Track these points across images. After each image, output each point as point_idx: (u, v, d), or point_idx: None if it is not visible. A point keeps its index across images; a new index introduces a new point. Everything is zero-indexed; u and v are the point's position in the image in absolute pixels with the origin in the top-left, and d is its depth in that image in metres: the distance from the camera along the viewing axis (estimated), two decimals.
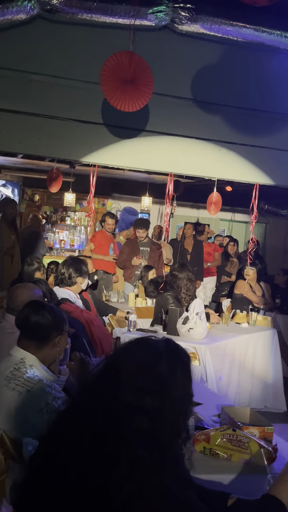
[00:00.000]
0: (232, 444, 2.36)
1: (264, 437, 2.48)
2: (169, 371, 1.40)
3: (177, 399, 1.38)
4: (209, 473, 2.27)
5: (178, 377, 1.41)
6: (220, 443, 2.38)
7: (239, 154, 5.49)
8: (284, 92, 5.56)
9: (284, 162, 5.64)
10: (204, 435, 2.41)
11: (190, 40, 5.20)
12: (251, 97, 5.46)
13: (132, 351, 1.45)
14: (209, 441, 2.39)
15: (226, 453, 2.36)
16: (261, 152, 5.54)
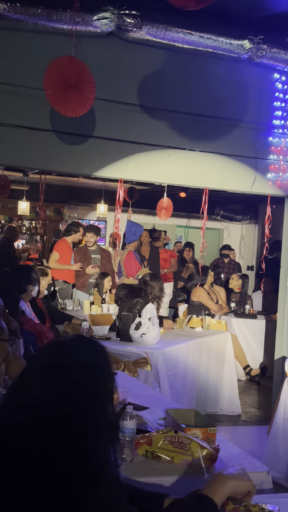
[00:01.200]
0: (174, 446, 2.36)
1: (207, 438, 2.49)
2: (79, 373, 1.38)
3: (86, 400, 1.36)
4: (151, 476, 2.27)
5: (89, 377, 1.39)
6: (162, 445, 2.37)
7: (188, 160, 5.54)
8: (230, 97, 5.65)
9: (232, 167, 5.72)
10: (146, 438, 2.40)
11: (136, 47, 5.23)
12: (198, 103, 5.52)
13: (43, 352, 1.44)
14: (151, 444, 2.38)
15: (168, 455, 2.36)
16: (210, 157, 5.60)
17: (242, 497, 1.65)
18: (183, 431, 2.43)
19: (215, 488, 1.58)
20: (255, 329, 7.69)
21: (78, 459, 1.32)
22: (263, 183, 5.84)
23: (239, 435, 5.41)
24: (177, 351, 5.21)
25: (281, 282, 6.26)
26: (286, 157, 5.83)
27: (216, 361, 5.97)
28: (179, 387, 5.17)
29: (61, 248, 7.99)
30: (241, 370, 7.30)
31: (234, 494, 1.61)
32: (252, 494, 1.65)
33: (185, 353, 5.37)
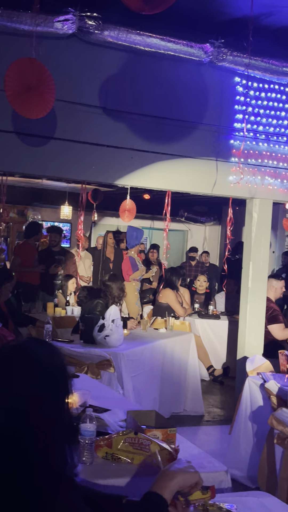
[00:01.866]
0: (134, 447, 2.36)
1: (167, 438, 2.50)
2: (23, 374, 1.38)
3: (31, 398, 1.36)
4: (111, 478, 2.27)
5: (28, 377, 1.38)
6: (122, 447, 2.37)
7: (150, 162, 5.56)
8: (191, 100, 5.69)
9: (194, 169, 5.76)
10: (106, 440, 2.40)
11: (98, 49, 5.23)
12: (160, 105, 5.55)
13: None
14: (111, 446, 2.38)
15: (128, 457, 2.36)
16: (172, 159, 5.64)
17: (190, 489, 1.68)
18: (143, 433, 2.43)
19: (163, 484, 1.62)
20: (219, 330, 7.76)
21: (34, 461, 1.31)
22: (225, 185, 5.90)
23: (202, 435, 5.45)
24: (141, 353, 5.21)
25: (243, 283, 6.34)
26: (246, 160, 5.90)
27: (180, 362, 6.00)
28: (142, 388, 5.17)
29: (24, 252, 7.92)
30: (204, 370, 7.36)
31: (182, 488, 1.64)
32: (199, 485, 1.69)
33: (148, 354, 5.38)
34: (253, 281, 6.20)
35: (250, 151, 5.94)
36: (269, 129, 6.03)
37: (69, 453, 1.43)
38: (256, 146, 5.99)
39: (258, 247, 6.21)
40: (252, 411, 4.33)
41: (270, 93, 6.02)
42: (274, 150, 6.08)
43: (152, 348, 5.48)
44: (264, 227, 6.24)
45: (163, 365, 5.64)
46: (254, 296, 6.20)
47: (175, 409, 5.94)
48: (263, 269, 6.29)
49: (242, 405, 4.44)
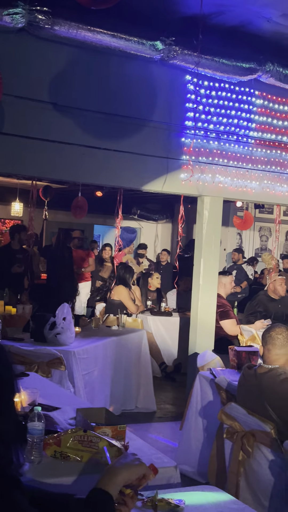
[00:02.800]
0: (83, 445, 2.35)
1: (117, 435, 2.50)
2: None
3: None
4: (60, 477, 2.25)
5: None
6: (71, 445, 2.36)
7: (101, 159, 5.53)
8: (142, 97, 5.69)
9: (145, 166, 5.77)
10: (55, 438, 2.38)
11: (48, 44, 5.16)
12: (112, 102, 5.53)
13: None
14: (60, 444, 2.36)
15: (77, 454, 2.35)
16: (123, 156, 5.62)
17: (138, 482, 1.68)
18: (93, 430, 2.42)
19: (108, 480, 1.63)
20: (170, 327, 7.81)
21: None
22: (176, 182, 5.93)
23: (153, 431, 5.47)
24: (93, 350, 5.19)
25: (194, 280, 6.39)
26: (197, 158, 5.95)
27: (132, 359, 6.01)
28: (94, 386, 5.16)
29: None
30: (156, 367, 7.40)
31: (128, 481, 1.65)
32: (147, 477, 1.70)
33: (100, 352, 5.36)
34: (204, 278, 6.26)
35: (201, 149, 5.99)
36: (220, 127, 6.09)
37: (14, 452, 1.41)
38: (207, 144, 6.05)
39: (209, 244, 6.27)
40: (202, 407, 4.37)
41: (220, 92, 6.08)
42: (225, 148, 6.16)
43: (104, 345, 5.47)
44: (214, 225, 6.30)
45: (115, 362, 5.64)
46: (205, 293, 6.26)
47: (127, 406, 5.94)
48: (214, 266, 6.36)
49: (192, 401, 4.49)
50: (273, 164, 6.45)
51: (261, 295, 7.21)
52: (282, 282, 7.13)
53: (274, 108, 6.42)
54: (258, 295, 7.23)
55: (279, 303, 7.07)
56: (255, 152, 6.35)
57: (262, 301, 7.11)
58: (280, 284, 7.09)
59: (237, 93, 6.19)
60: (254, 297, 7.29)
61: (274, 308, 7.03)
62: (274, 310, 7.01)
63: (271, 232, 13.55)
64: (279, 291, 7.08)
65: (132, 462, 1.69)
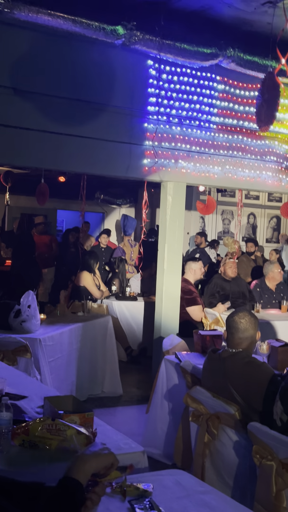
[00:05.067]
0: (51, 433, 2.36)
1: (85, 422, 2.52)
2: None
3: None
4: (29, 466, 2.26)
5: None
6: (39, 434, 2.37)
7: (63, 144, 5.49)
8: (104, 82, 5.66)
9: (107, 152, 5.75)
10: (23, 428, 2.39)
11: (8, 28, 5.07)
12: (73, 87, 5.48)
13: None
14: (28, 433, 2.37)
15: (45, 443, 2.36)
16: (85, 142, 5.59)
17: (106, 471, 1.72)
18: (61, 418, 2.44)
19: (78, 468, 1.66)
20: (135, 311, 7.85)
21: None
22: (139, 168, 5.94)
23: (120, 415, 5.52)
24: (58, 337, 5.19)
25: (158, 265, 6.44)
26: (160, 143, 5.96)
27: (98, 344, 6.03)
28: (60, 373, 5.16)
29: None
30: (122, 351, 7.43)
31: (97, 470, 1.69)
32: (114, 466, 1.73)
33: (66, 338, 5.36)
34: (169, 263, 6.31)
35: (163, 134, 6.01)
36: (182, 113, 6.11)
37: None
38: (170, 129, 6.06)
39: (173, 229, 6.32)
40: (168, 390, 4.43)
41: (182, 77, 6.08)
42: (187, 133, 6.18)
43: (70, 332, 5.47)
44: (178, 210, 6.35)
45: (81, 348, 5.65)
46: (169, 277, 6.32)
47: (93, 391, 5.97)
48: (178, 251, 6.41)
49: (158, 385, 4.54)
50: (235, 149, 6.52)
51: (216, 278, 7.39)
52: (232, 265, 7.34)
53: (235, 93, 6.46)
54: (213, 278, 7.41)
55: (233, 283, 7.25)
56: (217, 138, 6.40)
57: (218, 284, 7.27)
58: (230, 267, 7.32)
59: (198, 78, 6.20)
60: (210, 280, 7.44)
61: (230, 288, 7.20)
62: (230, 290, 7.18)
63: (233, 215, 13.69)
64: (228, 273, 7.27)
65: (101, 451, 1.72)
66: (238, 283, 7.42)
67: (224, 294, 7.21)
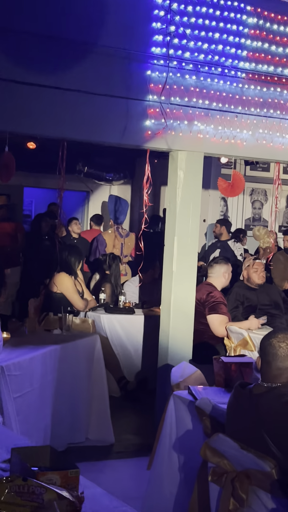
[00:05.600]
0: (22, 498, 2.39)
1: (67, 483, 2.55)
2: None
3: None
4: None
5: None
6: (6, 498, 2.39)
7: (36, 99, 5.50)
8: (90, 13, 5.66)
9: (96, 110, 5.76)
10: None
11: None
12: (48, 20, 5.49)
13: None
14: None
15: (15, 511, 2.39)
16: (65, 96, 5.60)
17: None
18: (35, 478, 2.46)
19: None
20: (132, 329, 7.88)
21: None
22: (139, 132, 5.97)
23: (112, 472, 5.56)
24: (27, 364, 5.22)
25: (165, 266, 6.47)
26: (168, 98, 5.98)
27: (80, 375, 6.06)
28: (30, 413, 5.20)
29: None
30: (114, 384, 7.46)
31: None
32: None
33: (38, 366, 5.39)
34: (179, 262, 6.33)
35: (173, 86, 6.02)
36: (199, 56, 6.12)
37: None
38: (182, 79, 6.08)
39: (185, 216, 6.34)
40: (178, 438, 4.46)
41: (200, 7, 6.09)
42: (206, 85, 6.20)
43: (43, 357, 5.49)
44: (192, 189, 6.37)
45: (58, 379, 5.68)
46: (180, 282, 6.35)
47: (75, 438, 6.01)
48: (192, 246, 6.44)
49: (165, 430, 4.56)
50: (271, 106, 6.54)
51: (236, 286, 7.48)
52: (259, 268, 7.37)
53: (272, 30, 6.47)
54: (233, 287, 7.46)
55: (261, 292, 7.33)
56: (247, 91, 6.42)
57: (239, 293, 7.34)
58: (255, 271, 7.35)
59: (222, 9, 6.22)
60: (230, 290, 7.49)
61: (257, 298, 7.26)
62: (258, 300, 7.25)
63: (267, 196, 13.72)
64: (254, 279, 7.31)
65: None
66: (268, 291, 7.46)
67: (250, 306, 7.25)
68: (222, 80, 6.28)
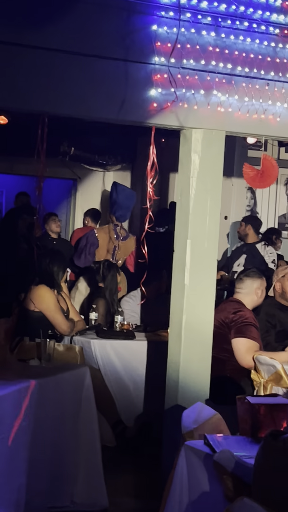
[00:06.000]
0: None
1: None
2: None
3: None
4: None
5: None
6: None
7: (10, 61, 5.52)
8: None
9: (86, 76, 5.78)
10: None
11: None
12: None
13: None
14: None
15: None
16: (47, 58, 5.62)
17: None
18: None
19: None
20: (131, 358, 7.87)
21: None
22: (142, 105, 5.97)
23: None
24: None
25: (174, 277, 6.46)
26: (179, 61, 5.98)
27: (65, 418, 6.06)
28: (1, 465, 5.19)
29: None
30: (108, 430, 7.46)
31: None
32: None
33: (9, 407, 5.39)
34: (193, 274, 6.33)
35: (186, 45, 6.02)
36: (220, 6, 6.12)
37: None
38: (198, 36, 6.08)
39: (201, 213, 6.34)
40: (191, 503, 4.45)
41: None
42: (228, 43, 6.20)
43: (16, 395, 5.49)
44: (211, 178, 6.38)
45: (34, 425, 5.67)
46: (194, 300, 6.34)
47: (58, 500, 6.00)
48: (210, 252, 6.44)
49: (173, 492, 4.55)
50: None
51: (266, 304, 7.45)
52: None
53: None
54: (261, 306, 7.45)
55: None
56: (282, 51, 6.42)
57: (269, 313, 7.33)
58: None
59: None
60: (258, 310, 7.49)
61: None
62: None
63: None
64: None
65: None
66: None
67: (284, 331, 7.24)
68: (249, 38, 6.28)
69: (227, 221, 12.78)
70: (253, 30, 6.28)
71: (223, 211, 11.61)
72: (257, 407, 4.67)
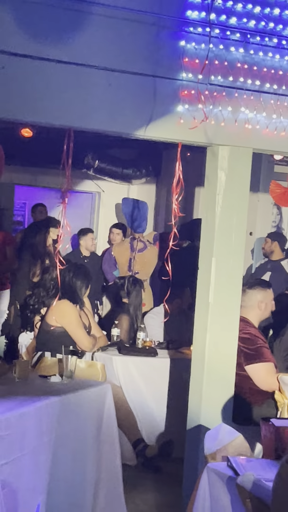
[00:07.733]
0: None
1: None
2: None
3: None
4: None
5: None
6: None
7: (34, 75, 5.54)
8: None
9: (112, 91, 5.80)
10: None
11: None
12: None
13: None
14: None
15: None
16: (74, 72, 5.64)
17: None
18: None
19: None
20: (154, 376, 7.87)
21: None
22: (170, 121, 5.99)
23: None
24: (16, 422, 5.23)
25: (199, 295, 6.47)
26: (208, 77, 6.00)
27: (86, 436, 6.07)
28: (19, 485, 5.20)
29: None
30: (129, 448, 7.46)
31: None
32: None
33: (31, 424, 5.40)
34: (218, 292, 6.33)
35: (215, 61, 6.04)
36: (249, 23, 6.14)
37: None
38: (225, 52, 6.10)
39: (227, 230, 6.35)
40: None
41: None
42: (257, 60, 6.22)
43: (38, 412, 5.51)
44: (237, 194, 6.39)
45: (55, 442, 5.68)
46: (218, 318, 6.34)
47: None
48: (236, 270, 6.44)
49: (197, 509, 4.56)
50: None
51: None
52: None
53: None
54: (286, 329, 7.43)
55: None
56: None
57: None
58: None
59: None
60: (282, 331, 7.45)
61: None
62: None
63: None
64: None
65: None
66: None
67: None
68: (278, 55, 6.29)
69: (252, 237, 12.76)
70: (282, 47, 6.30)
71: (248, 226, 11.59)
72: (282, 429, 4.67)
